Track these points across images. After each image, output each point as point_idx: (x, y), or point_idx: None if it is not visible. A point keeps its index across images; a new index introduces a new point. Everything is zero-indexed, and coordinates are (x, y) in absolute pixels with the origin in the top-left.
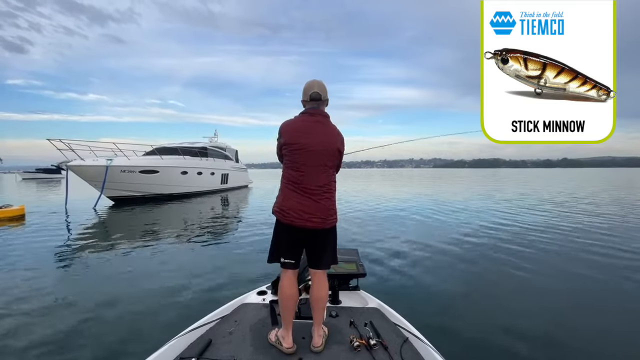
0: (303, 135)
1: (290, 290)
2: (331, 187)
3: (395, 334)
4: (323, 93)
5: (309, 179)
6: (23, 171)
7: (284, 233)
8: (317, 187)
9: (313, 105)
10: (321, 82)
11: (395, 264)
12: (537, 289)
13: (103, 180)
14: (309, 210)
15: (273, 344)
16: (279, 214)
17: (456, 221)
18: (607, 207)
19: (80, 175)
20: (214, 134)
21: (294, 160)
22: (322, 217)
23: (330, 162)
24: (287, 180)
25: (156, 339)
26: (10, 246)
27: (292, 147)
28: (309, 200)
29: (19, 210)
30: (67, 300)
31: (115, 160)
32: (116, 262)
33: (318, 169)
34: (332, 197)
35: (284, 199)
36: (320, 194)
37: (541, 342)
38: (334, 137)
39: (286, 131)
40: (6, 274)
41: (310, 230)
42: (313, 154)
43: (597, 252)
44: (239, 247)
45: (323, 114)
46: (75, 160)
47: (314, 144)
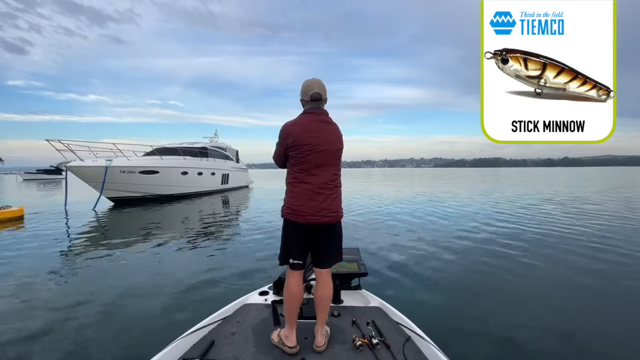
0: (314, 136)
1: (297, 290)
2: (339, 182)
3: (398, 333)
4: (323, 92)
5: (321, 178)
6: (24, 172)
7: (293, 235)
8: (329, 184)
9: (313, 105)
10: (320, 81)
11: (396, 263)
12: (539, 288)
13: (102, 181)
14: (324, 206)
15: (276, 344)
16: (293, 216)
17: (458, 220)
18: (610, 204)
19: (79, 176)
20: (214, 134)
21: (305, 160)
22: (336, 212)
23: (338, 160)
24: (297, 182)
25: (159, 340)
26: (8, 248)
27: (303, 148)
28: (322, 196)
29: (18, 211)
30: (68, 302)
31: (115, 160)
32: (116, 263)
33: (329, 168)
34: (340, 191)
35: (296, 201)
36: (331, 189)
37: (543, 340)
38: (339, 136)
39: (294, 132)
40: (3, 277)
41: (322, 227)
42: (325, 154)
43: (603, 250)
44: (241, 247)
45: (327, 114)
46: (74, 161)
47: (325, 144)
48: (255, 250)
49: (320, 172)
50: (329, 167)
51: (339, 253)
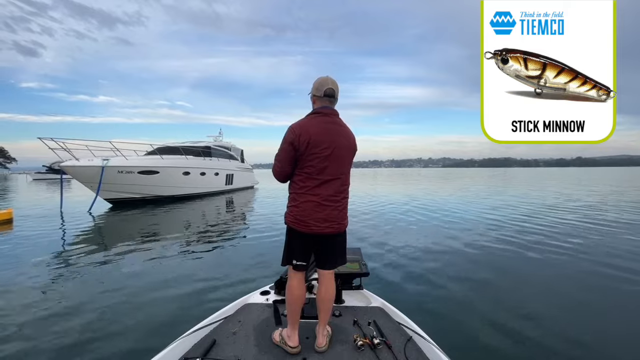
0: (327, 139)
1: (300, 290)
2: (347, 192)
3: (399, 333)
4: (337, 90)
5: (330, 187)
6: (34, 172)
7: (297, 241)
8: (337, 194)
9: (325, 103)
10: (334, 80)
11: (398, 263)
12: (541, 289)
13: (99, 182)
14: (330, 218)
15: (278, 343)
16: (296, 225)
17: (461, 221)
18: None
19: (74, 176)
20: (218, 133)
21: (315, 165)
22: (340, 223)
23: (350, 165)
24: (303, 192)
25: (161, 340)
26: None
27: (317, 154)
28: (329, 209)
29: (5, 214)
30: (67, 303)
31: (112, 160)
32: (115, 265)
33: (338, 176)
34: (347, 202)
35: (301, 211)
36: (339, 200)
37: (546, 341)
38: (352, 138)
39: (305, 134)
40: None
41: (327, 236)
42: (337, 159)
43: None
44: (242, 247)
45: (338, 115)
46: (69, 161)
47: (339, 148)
48: (257, 251)
49: (331, 182)
50: (340, 177)
51: (343, 256)
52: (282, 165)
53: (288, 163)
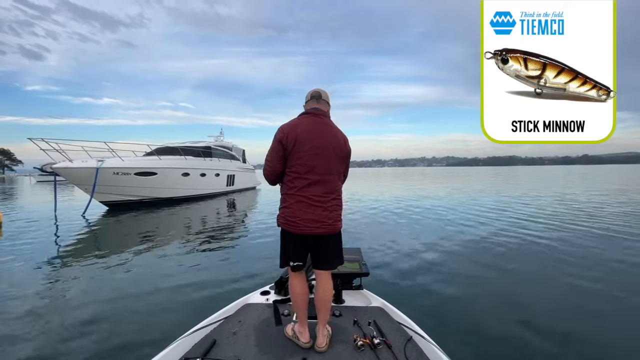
0: (314, 137)
1: (301, 288)
2: (339, 193)
3: (399, 333)
4: (324, 94)
5: (319, 187)
6: (38, 174)
7: (291, 242)
8: (327, 194)
9: (313, 104)
10: (323, 89)
11: (398, 263)
12: (543, 289)
13: (93, 184)
14: (320, 219)
15: (290, 337)
16: (287, 226)
17: (460, 220)
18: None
19: (67, 178)
20: (219, 133)
21: (303, 164)
22: (332, 224)
23: (341, 166)
24: (293, 189)
25: (161, 340)
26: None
27: (302, 150)
28: (319, 209)
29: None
30: (68, 304)
31: (107, 161)
32: (114, 267)
33: (328, 176)
34: (340, 203)
35: (290, 212)
36: (329, 201)
37: (546, 341)
38: (342, 139)
39: (293, 132)
40: None
41: (320, 237)
42: (324, 158)
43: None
44: (243, 248)
45: (327, 116)
46: (61, 162)
47: (327, 148)
48: (258, 251)
49: (319, 183)
50: (329, 177)
51: (339, 257)
52: (273, 164)
53: (278, 160)
